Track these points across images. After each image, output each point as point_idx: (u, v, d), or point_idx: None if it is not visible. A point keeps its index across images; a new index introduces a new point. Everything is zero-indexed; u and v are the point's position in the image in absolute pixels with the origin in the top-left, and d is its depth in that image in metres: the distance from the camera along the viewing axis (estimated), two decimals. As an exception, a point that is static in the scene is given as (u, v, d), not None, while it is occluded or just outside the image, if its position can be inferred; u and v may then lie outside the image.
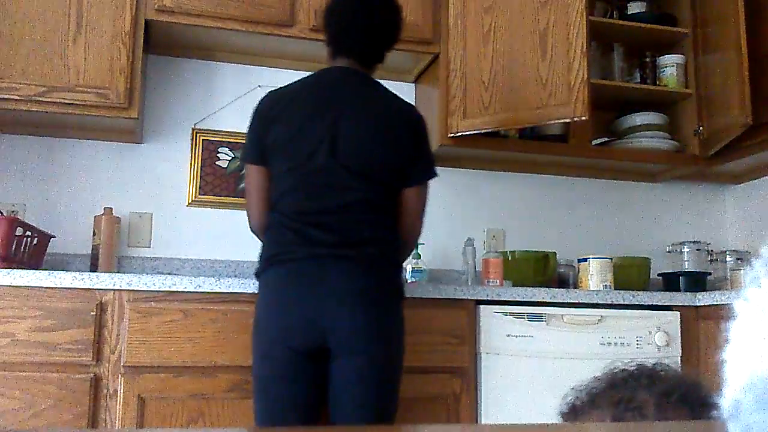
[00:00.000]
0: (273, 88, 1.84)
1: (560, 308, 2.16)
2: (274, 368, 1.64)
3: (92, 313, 1.84)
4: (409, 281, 2.54)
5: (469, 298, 2.11)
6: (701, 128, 2.78)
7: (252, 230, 1.82)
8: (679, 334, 2.25)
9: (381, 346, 1.64)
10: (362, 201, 1.68)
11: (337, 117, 1.70)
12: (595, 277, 2.43)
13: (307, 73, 1.89)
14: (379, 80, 1.85)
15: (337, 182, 1.67)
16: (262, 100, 1.80)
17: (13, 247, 2.03)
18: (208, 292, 1.93)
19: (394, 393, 1.70)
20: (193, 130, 2.64)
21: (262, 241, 1.78)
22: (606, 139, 2.91)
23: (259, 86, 2.66)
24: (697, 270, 2.80)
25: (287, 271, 1.65)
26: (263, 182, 1.75)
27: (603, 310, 2.20)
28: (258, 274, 1.72)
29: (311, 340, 1.62)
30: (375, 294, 1.64)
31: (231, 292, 1.93)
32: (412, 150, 1.77)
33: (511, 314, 2.12)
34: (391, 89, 1.85)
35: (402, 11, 1.85)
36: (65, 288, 1.84)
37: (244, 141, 1.86)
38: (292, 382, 1.64)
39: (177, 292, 1.91)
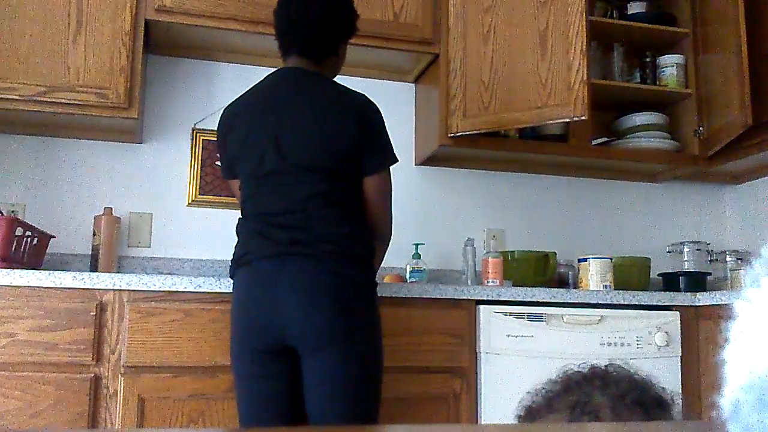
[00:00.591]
0: (230, 102, 1.85)
1: (560, 308, 2.16)
2: (245, 367, 1.66)
3: (92, 313, 1.84)
4: (408, 281, 2.54)
5: (469, 298, 2.11)
6: (701, 128, 2.79)
7: None
8: (679, 334, 2.25)
9: (343, 344, 1.59)
10: (316, 196, 1.66)
11: (280, 117, 1.71)
12: (595, 277, 2.42)
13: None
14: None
15: (288, 181, 1.68)
16: (221, 114, 1.84)
17: (13, 247, 2.03)
18: (208, 292, 1.93)
19: (369, 390, 1.66)
20: (193, 130, 2.64)
21: None
22: (606, 139, 2.91)
23: (259, 86, 2.66)
24: (697, 270, 2.80)
25: (249, 271, 1.67)
26: (239, 194, 1.83)
27: (603, 310, 2.20)
28: (231, 276, 1.75)
29: (272, 339, 1.62)
30: (330, 290, 1.60)
31: (231, 292, 1.93)
32: (359, 139, 1.72)
33: (511, 314, 2.12)
34: (391, 89, 1.85)
35: (346, 3, 1.82)
36: (65, 288, 1.84)
37: None
38: (262, 379, 1.64)
39: (177, 292, 1.91)
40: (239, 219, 1.78)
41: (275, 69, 1.84)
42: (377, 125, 1.77)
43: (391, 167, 1.79)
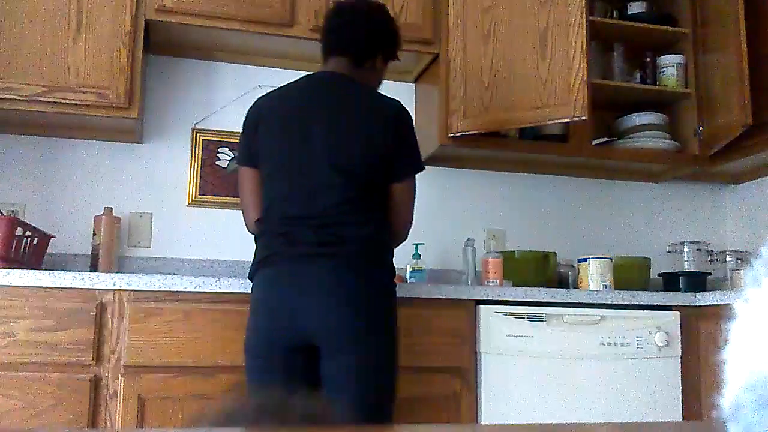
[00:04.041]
0: (272, 89, 1.87)
1: (560, 308, 2.16)
2: (263, 363, 1.66)
3: (92, 313, 1.84)
4: (408, 281, 2.54)
5: (469, 298, 2.11)
6: (701, 128, 2.79)
7: (248, 230, 1.85)
8: (679, 334, 2.25)
9: (365, 345, 1.62)
10: (345, 199, 1.68)
11: (316, 118, 1.72)
12: (595, 277, 2.42)
13: (307, 74, 1.90)
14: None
15: (318, 183, 1.69)
16: (253, 103, 1.86)
17: (13, 247, 2.03)
18: (208, 292, 1.93)
19: (388, 391, 1.68)
20: (193, 130, 2.64)
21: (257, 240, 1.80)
22: (606, 139, 2.91)
23: (259, 86, 2.66)
24: (697, 270, 2.80)
25: (273, 271, 1.67)
26: (255, 183, 1.79)
27: (603, 310, 2.20)
28: (251, 276, 1.75)
29: (296, 338, 1.63)
30: (356, 292, 1.63)
31: (231, 292, 1.94)
32: (392, 145, 1.75)
33: (511, 314, 2.12)
34: (391, 89, 1.85)
35: (394, 21, 1.90)
36: (65, 288, 1.84)
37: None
38: (279, 375, 1.64)
39: (177, 292, 1.91)
40: (260, 219, 1.76)
41: (311, 72, 1.87)
42: (411, 132, 1.83)
43: None
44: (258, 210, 1.78)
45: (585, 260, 2.47)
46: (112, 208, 2.42)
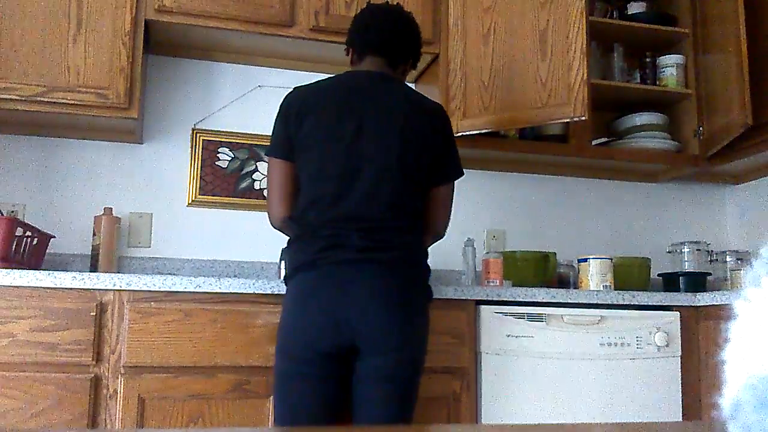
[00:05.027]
0: (300, 85, 1.83)
1: (560, 308, 2.16)
2: (301, 368, 1.65)
3: (92, 313, 1.84)
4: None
5: (469, 298, 2.11)
6: (701, 128, 2.79)
7: (273, 225, 1.83)
8: (679, 334, 2.25)
9: (408, 347, 1.66)
10: (393, 204, 1.69)
11: (364, 119, 1.70)
12: (595, 277, 2.42)
13: (307, 74, 1.90)
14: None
15: (369, 186, 1.68)
16: (290, 95, 1.80)
17: (13, 247, 2.03)
18: (208, 292, 1.93)
19: (415, 393, 1.72)
20: (193, 130, 2.64)
21: (287, 235, 1.78)
22: (606, 139, 2.91)
23: (259, 86, 2.66)
24: (697, 270, 2.80)
25: (318, 274, 1.64)
26: (288, 177, 1.77)
27: (603, 310, 2.20)
28: (287, 279, 1.72)
29: (341, 341, 1.62)
30: (404, 295, 1.66)
31: (231, 292, 1.94)
32: (441, 147, 1.80)
33: (511, 314, 2.12)
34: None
35: (420, 33, 1.91)
36: (65, 288, 1.84)
37: (271, 136, 1.83)
38: (317, 380, 1.64)
39: (177, 292, 1.91)
40: (293, 217, 1.73)
41: (349, 70, 1.85)
42: (453, 136, 1.87)
43: None
44: (287, 205, 1.76)
45: (585, 260, 2.47)
46: (112, 208, 2.42)
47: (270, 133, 1.84)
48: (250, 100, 2.70)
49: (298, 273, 1.68)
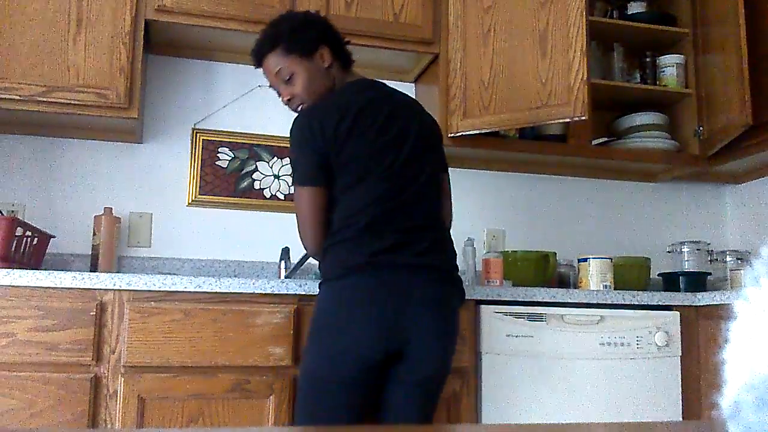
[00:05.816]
0: (311, 108, 1.74)
1: (560, 308, 2.16)
2: (343, 375, 1.62)
3: (92, 313, 1.84)
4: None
5: (469, 298, 2.11)
6: (701, 128, 2.79)
7: (310, 254, 1.76)
8: (679, 334, 2.25)
9: (449, 353, 1.72)
10: (435, 206, 1.77)
11: (403, 124, 1.73)
12: (595, 277, 2.42)
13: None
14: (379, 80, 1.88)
15: (422, 192, 1.72)
16: (309, 119, 1.68)
17: (13, 247, 2.03)
18: (208, 292, 1.93)
19: (441, 394, 1.79)
20: (193, 130, 2.64)
21: (322, 260, 1.72)
22: (606, 139, 2.91)
23: (259, 86, 2.66)
24: (697, 270, 2.80)
25: (376, 280, 1.61)
26: (323, 203, 1.69)
27: (603, 310, 2.20)
28: (330, 280, 1.66)
29: (389, 347, 1.62)
30: (452, 302, 1.71)
31: (231, 292, 1.93)
32: (442, 146, 1.90)
33: (511, 314, 2.12)
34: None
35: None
36: (65, 288, 1.84)
37: (297, 164, 1.72)
38: (357, 387, 1.64)
39: (177, 292, 1.91)
40: (350, 224, 1.65)
41: (354, 80, 1.83)
42: None
43: None
44: (325, 232, 1.69)
45: (585, 260, 2.47)
46: (112, 208, 2.41)
47: (270, 133, 1.84)
48: (250, 100, 2.70)
49: (349, 275, 1.62)
